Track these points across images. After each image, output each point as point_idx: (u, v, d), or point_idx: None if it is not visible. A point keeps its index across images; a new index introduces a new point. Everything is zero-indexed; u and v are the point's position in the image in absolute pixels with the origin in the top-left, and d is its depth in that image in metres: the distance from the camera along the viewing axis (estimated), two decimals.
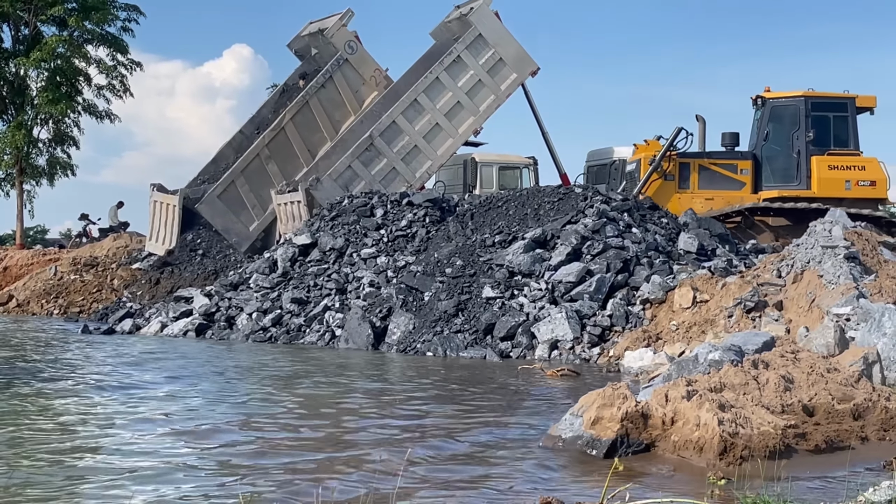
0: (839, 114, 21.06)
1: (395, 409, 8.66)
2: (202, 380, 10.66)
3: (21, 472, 5.93)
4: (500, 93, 22.60)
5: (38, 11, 31.08)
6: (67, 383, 10.20)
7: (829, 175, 20.58)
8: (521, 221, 15.97)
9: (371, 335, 14.21)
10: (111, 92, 32.44)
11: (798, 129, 20.80)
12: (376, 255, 16.62)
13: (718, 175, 21.09)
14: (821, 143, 20.79)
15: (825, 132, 20.89)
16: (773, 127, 21.13)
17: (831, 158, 20.74)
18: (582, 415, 6.67)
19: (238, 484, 5.75)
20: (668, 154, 20.67)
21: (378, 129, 21.86)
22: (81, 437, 7.19)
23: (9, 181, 32.12)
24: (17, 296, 23.57)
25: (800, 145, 20.77)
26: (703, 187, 20.76)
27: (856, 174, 20.77)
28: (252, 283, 17.14)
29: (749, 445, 6.12)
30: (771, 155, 21.18)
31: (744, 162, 21.20)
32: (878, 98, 21.56)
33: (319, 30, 24.47)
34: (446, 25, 23.94)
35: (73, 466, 6.21)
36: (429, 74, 22.17)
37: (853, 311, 10.24)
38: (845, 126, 21.09)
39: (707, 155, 21.43)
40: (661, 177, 20.66)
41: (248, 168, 23.31)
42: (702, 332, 12.13)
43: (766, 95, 21.31)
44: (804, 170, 20.73)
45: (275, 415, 8.34)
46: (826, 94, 21.20)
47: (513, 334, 13.46)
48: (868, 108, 21.62)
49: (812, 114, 20.77)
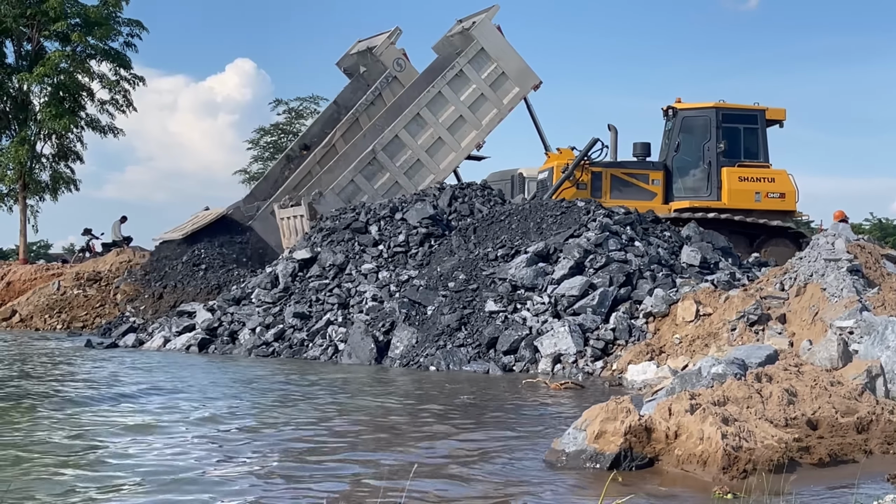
0: (749, 126, 21.13)
1: (398, 419, 8.66)
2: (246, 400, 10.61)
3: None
4: (502, 107, 22.67)
5: (42, 27, 31.20)
6: (94, 401, 10.19)
7: (739, 186, 20.62)
8: (524, 235, 15.97)
9: (374, 349, 14.21)
10: (114, 107, 32.55)
11: (709, 141, 20.84)
12: (377, 270, 16.62)
13: (630, 185, 21.02)
14: (731, 155, 20.82)
15: (736, 144, 20.92)
16: (683, 138, 21.10)
17: (742, 170, 20.79)
18: (585, 429, 6.66)
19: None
20: (582, 163, 20.60)
21: (381, 143, 21.92)
22: (146, 460, 7.19)
23: (12, 196, 32.19)
24: (20, 311, 23.59)
25: (710, 156, 20.81)
26: (614, 197, 20.48)
27: (766, 186, 20.82)
28: (254, 298, 17.14)
29: (753, 459, 6.11)
30: (682, 166, 21.17)
31: (655, 172, 21.15)
32: (787, 111, 21.70)
33: (368, 48, 25.10)
34: (448, 39, 24.04)
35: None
36: (431, 88, 22.25)
37: (856, 325, 10.22)
38: (755, 138, 21.16)
39: (619, 164, 21.36)
40: (574, 185, 20.52)
41: (299, 185, 23.70)
42: (705, 346, 12.11)
43: (677, 106, 21.34)
44: (715, 181, 20.76)
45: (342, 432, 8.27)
46: (736, 106, 21.27)
47: (516, 348, 13.45)
48: (778, 120, 21.69)
49: (723, 125, 20.81)
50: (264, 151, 41.10)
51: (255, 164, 41.11)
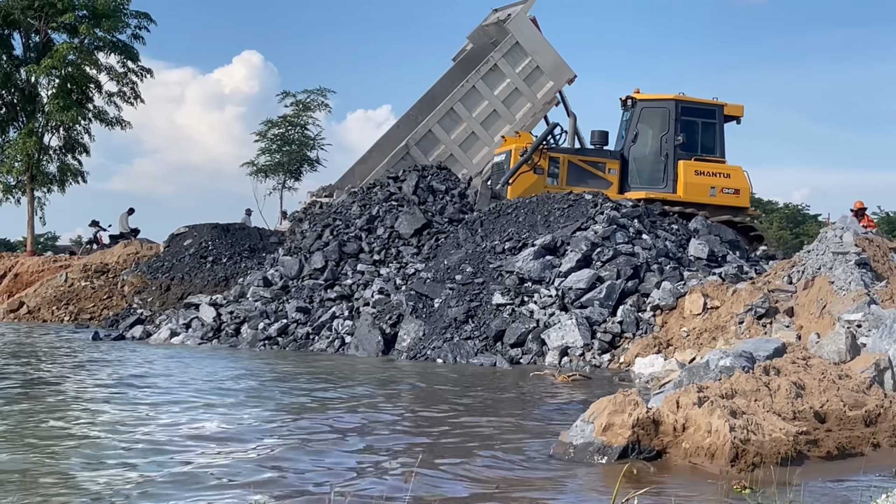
0: (707, 120, 21.02)
1: (408, 414, 8.67)
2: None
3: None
4: (536, 101, 22.57)
5: (49, 19, 31.24)
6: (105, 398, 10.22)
7: (695, 180, 20.54)
8: (531, 228, 15.97)
9: (381, 342, 14.23)
10: (122, 99, 32.58)
11: (667, 133, 20.75)
12: (375, 267, 16.64)
13: (587, 172, 20.81)
14: (688, 148, 20.74)
15: (693, 137, 20.82)
16: (641, 128, 21.00)
17: (698, 164, 20.71)
18: (593, 421, 6.66)
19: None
20: (541, 148, 20.43)
21: (414, 137, 21.83)
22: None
23: (20, 188, 32.24)
24: (27, 302, 23.66)
25: (668, 148, 20.72)
26: (571, 183, 20.32)
27: (721, 181, 20.75)
28: (253, 294, 17.05)
29: (761, 452, 6.11)
30: (638, 156, 21.04)
31: (612, 161, 21.02)
32: (745, 107, 21.61)
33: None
34: (484, 29, 23.90)
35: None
36: (465, 83, 22.17)
37: (864, 318, 10.21)
38: (713, 133, 21.06)
39: (577, 151, 21.31)
40: (532, 169, 20.34)
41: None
42: (712, 339, 12.11)
43: (636, 96, 21.23)
44: (671, 173, 20.68)
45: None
46: (695, 100, 21.20)
47: (523, 341, 13.46)
48: (735, 116, 21.56)
49: (681, 118, 20.72)
50: (272, 144, 40.97)
51: (263, 156, 41.03)
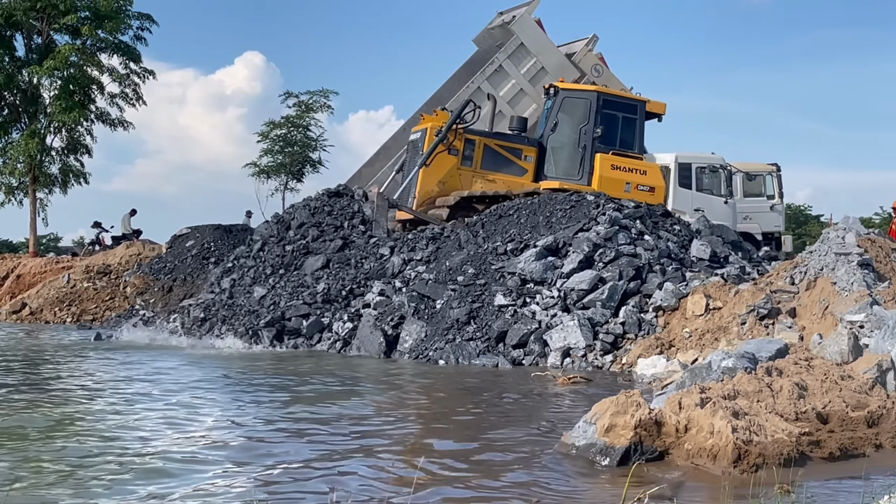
0: (628, 115, 20.93)
1: (408, 414, 8.67)
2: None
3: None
4: (541, 101, 22.55)
5: (52, 20, 31.30)
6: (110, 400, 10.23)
7: (610, 174, 20.37)
8: (533, 229, 15.96)
9: (383, 343, 14.23)
10: (124, 100, 32.64)
11: (587, 124, 20.63)
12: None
13: (503, 158, 20.60)
14: (607, 142, 20.63)
15: (613, 131, 20.70)
16: (562, 118, 20.90)
17: (615, 158, 20.56)
18: (595, 422, 6.66)
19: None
20: (455, 127, 20.07)
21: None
22: None
23: (22, 189, 32.31)
24: (30, 304, 23.67)
25: (586, 140, 20.61)
26: (485, 167, 20.22)
27: (636, 177, 20.57)
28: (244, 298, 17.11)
29: (763, 453, 6.11)
30: (556, 146, 20.92)
31: (529, 149, 20.85)
32: (667, 105, 21.60)
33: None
34: (489, 32, 23.93)
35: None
36: (471, 84, 22.20)
37: (867, 318, 10.20)
38: (632, 128, 20.95)
39: (495, 136, 20.98)
40: (447, 149, 20.05)
41: None
42: (715, 340, 12.10)
43: (559, 85, 21.17)
44: (587, 165, 20.56)
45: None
46: (618, 94, 21.20)
47: (525, 342, 13.45)
48: (657, 114, 21.52)
49: (602, 111, 20.60)
50: (274, 144, 41.00)
51: (265, 157, 41.06)
